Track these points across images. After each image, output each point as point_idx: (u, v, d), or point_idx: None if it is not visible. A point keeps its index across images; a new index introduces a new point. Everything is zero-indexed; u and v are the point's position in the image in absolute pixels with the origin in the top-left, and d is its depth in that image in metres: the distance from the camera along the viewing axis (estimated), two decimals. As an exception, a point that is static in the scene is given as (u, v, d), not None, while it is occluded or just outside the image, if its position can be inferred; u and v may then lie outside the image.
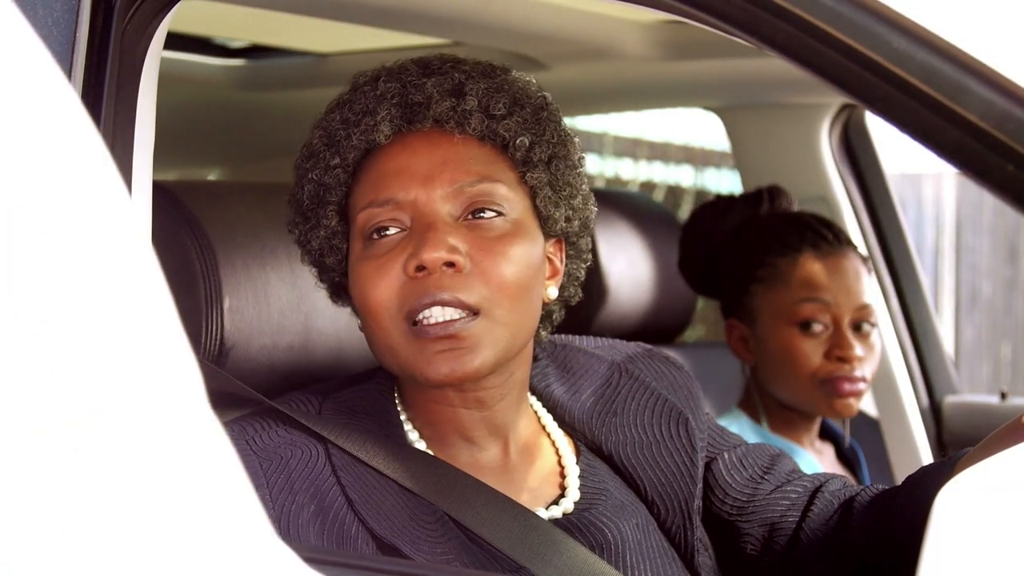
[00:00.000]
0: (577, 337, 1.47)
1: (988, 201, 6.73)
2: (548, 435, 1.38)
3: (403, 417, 1.31)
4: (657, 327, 2.33)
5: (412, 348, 1.22)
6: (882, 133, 2.62)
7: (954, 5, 1.04)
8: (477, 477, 1.27)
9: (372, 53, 2.49)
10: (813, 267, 1.93)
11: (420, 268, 1.20)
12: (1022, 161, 0.97)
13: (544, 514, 1.29)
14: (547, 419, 1.39)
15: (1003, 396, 2.56)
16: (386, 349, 1.24)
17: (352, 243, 1.28)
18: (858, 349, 1.90)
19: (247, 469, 1.15)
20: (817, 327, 1.91)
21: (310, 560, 1.16)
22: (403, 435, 1.29)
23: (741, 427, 1.97)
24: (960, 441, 2.55)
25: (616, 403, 1.40)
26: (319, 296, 1.48)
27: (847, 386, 1.90)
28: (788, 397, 1.95)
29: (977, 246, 6.99)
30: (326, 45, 2.52)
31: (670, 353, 1.49)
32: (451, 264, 1.20)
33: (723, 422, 1.98)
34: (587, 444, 1.39)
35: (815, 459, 1.98)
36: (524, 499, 1.29)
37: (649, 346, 1.48)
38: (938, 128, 1.00)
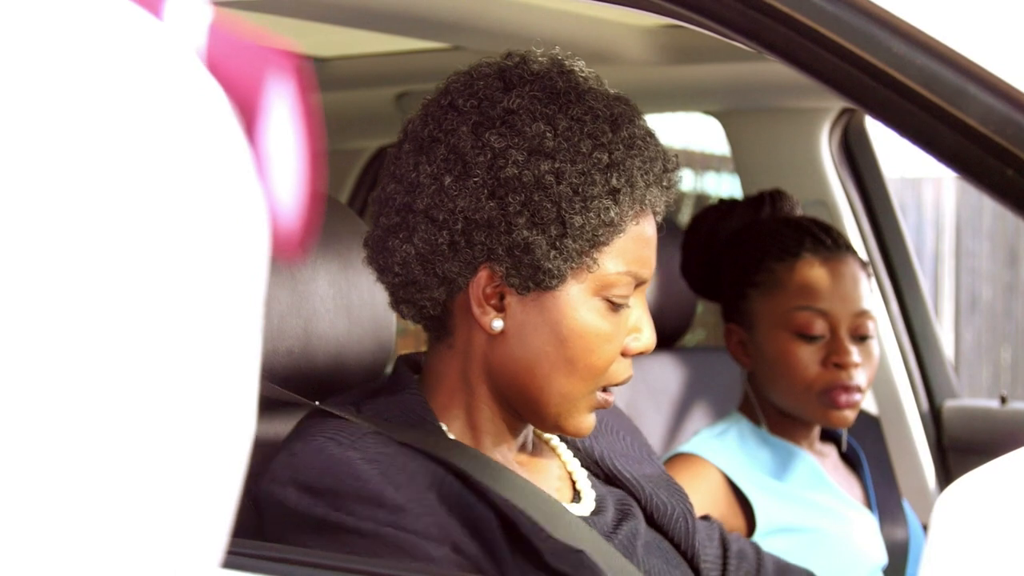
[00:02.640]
0: None
1: (988, 205, 6.73)
2: (546, 441, 1.40)
3: (441, 424, 1.31)
4: (657, 331, 2.32)
5: (582, 403, 1.28)
6: (882, 137, 2.62)
7: (954, 9, 1.04)
8: None
9: (372, 57, 2.50)
10: (810, 273, 1.92)
11: (641, 353, 1.31)
12: (1022, 165, 0.97)
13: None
14: None
15: (1003, 400, 2.56)
16: (554, 389, 1.26)
17: (581, 282, 1.26)
18: (855, 356, 1.89)
19: (364, 479, 1.17)
20: (814, 334, 1.90)
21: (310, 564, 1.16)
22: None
23: (741, 430, 1.97)
24: (960, 445, 2.55)
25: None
26: (318, 301, 1.47)
27: (844, 397, 1.89)
28: (785, 404, 1.95)
29: (977, 250, 6.99)
30: (326, 49, 2.52)
31: None
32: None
33: (721, 426, 1.98)
34: (578, 453, 1.42)
35: (816, 461, 1.98)
36: None
37: None
38: (937, 132, 1.00)
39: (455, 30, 2.09)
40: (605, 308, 1.26)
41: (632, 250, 1.27)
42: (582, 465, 1.39)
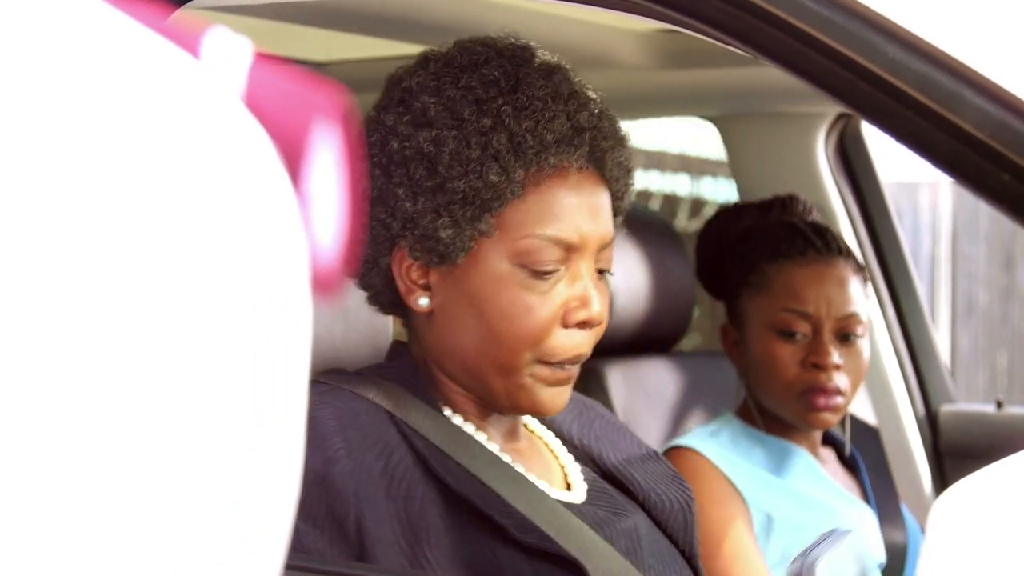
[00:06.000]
0: None
1: (984, 210, 6.74)
2: (540, 437, 1.40)
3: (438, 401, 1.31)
4: (654, 337, 2.33)
5: (524, 377, 1.25)
6: (878, 142, 2.63)
7: (950, 14, 1.05)
8: None
9: (370, 62, 2.50)
10: (796, 275, 1.93)
11: (586, 324, 1.25)
12: (1017, 170, 0.98)
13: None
14: (533, 422, 1.40)
15: (999, 405, 2.56)
16: (488, 363, 1.25)
17: (492, 251, 1.24)
18: (835, 357, 1.90)
19: (323, 427, 1.16)
20: (797, 335, 1.92)
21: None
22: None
23: (733, 431, 1.97)
24: (956, 450, 2.56)
25: (590, 415, 1.44)
26: (314, 304, 1.48)
27: (822, 400, 1.90)
28: (770, 404, 1.96)
29: (973, 254, 6.99)
30: (324, 54, 2.52)
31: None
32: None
33: (713, 426, 1.99)
34: (575, 450, 1.41)
35: (815, 461, 1.98)
36: None
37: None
38: (933, 137, 1.00)
39: (453, 34, 2.08)
40: (526, 276, 1.23)
41: (541, 213, 1.24)
42: (576, 459, 1.39)
